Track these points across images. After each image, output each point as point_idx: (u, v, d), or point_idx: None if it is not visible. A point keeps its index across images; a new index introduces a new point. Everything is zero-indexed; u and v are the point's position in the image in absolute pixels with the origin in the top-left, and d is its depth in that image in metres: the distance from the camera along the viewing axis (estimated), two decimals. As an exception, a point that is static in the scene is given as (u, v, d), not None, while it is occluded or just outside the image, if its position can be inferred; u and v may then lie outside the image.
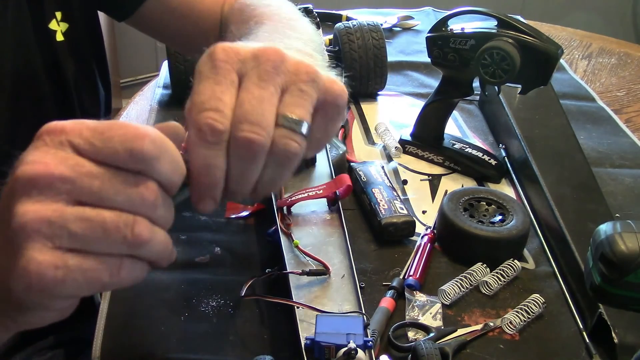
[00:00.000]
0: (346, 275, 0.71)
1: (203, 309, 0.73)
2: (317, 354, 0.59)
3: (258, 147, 0.42)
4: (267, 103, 0.43)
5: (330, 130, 0.47)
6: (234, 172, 0.43)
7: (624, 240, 0.54)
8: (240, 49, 0.45)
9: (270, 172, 0.45)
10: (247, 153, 0.42)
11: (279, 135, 0.43)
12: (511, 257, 0.79)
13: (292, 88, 0.44)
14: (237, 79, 0.44)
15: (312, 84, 0.45)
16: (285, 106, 0.44)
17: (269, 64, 0.44)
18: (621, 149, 1.07)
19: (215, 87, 0.43)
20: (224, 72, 0.43)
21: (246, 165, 0.43)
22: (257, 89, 0.43)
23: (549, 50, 0.87)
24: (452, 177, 0.99)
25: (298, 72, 0.45)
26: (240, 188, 0.45)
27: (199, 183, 0.43)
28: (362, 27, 1.14)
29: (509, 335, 0.71)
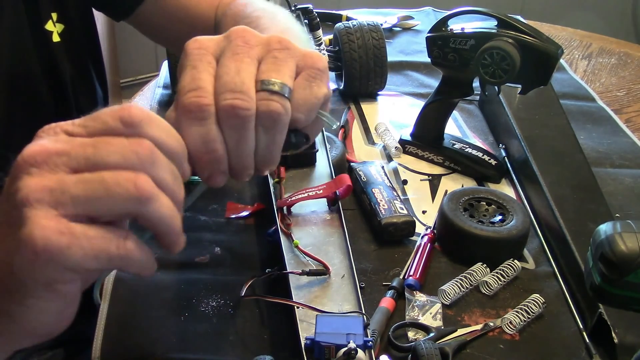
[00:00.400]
0: (346, 275, 0.71)
1: (203, 309, 0.73)
2: (317, 354, 0.59)
3: (243, 112, 0.44)
4: (244, 72, 0.45)
5: (316, 92, 0.48)
6: (230, 144, 0.45)
7: (624, 240, 0.54)
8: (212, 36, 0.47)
9: (263, 137, 0.46)
10: (236, 120, 0.44)
11: (260, 98, 0.45)
12: (511, 257, 0.79)
13: (267, 57, 0.47)
14: (213, 60, 0.46)
15: (286, 51, 0.47)
16: (263, 73, 0.46)
17: (239, 40, 0.46)
18: (621, 149, 1.07)
19: (192, 71, 0.45)
20: (198, 57, 0.46)
21: (239, 133, 0.45)
22: (232, 62, 0.45)
23: (549, 50, 0.87)
24: (452, 177, 0.99)
25: (270, 42, 0.47)
26: (241, 160, 0.46)
27: (203, 161, 0.45)
28: (362, 27, 1.14)
29: (509, 335, 0.71)
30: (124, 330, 0.70)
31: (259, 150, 0.46)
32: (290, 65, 0.47)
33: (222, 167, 0.46)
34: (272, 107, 0.45)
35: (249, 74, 0.45)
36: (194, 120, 0.43)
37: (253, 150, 0.46)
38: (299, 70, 0.48)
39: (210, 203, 0.89)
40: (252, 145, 0.46)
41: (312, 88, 0.48)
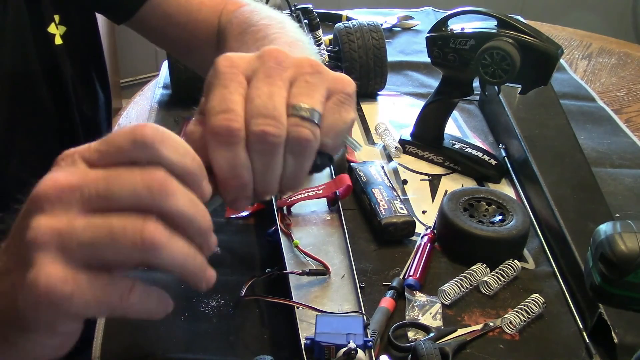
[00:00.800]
0: (346, 275, 0.71)
1: (203, 309, 0.73)
2: (317, 354, 0.59)
3: (274, 138, 0.43)
4: (276, 96, 0.44)
5: (345, 117, 0.48)
6: (258, 168, 0.44)
7: (624, 240, 0.54)
8: (243, 54, 0.46)
9: (291, 163, 0.45)
10: (266, 146, 0.43)
11: (292, 124, 0.44)
12: (511, 257, 0.79)
13: (299, 80, 0.46)
14: (244, 80, 0.45)
15: (318, 75, 0.47)
16: (294, 97, 0.45)
17: (272, 61, 0.45)
18: (621, 149, 1.07)
19: (223, 91, 0.44)
20: (230, 76, 0.44)
21: (267, 159, 0.44)
22: (265, 85, 0.44)
23: (549, 50, 0.87)
24: (452, 177, 0.99)
25: (302, 65, 0.46)
26: (267, 185, 0.45)
27: (228, 186, 0.44)
28: (362, 27, 1.14)
29: (509, 335, 0.71)
30: (124, 330, 0.70)
31: (285, 174, 0.46)
32: (322, 90, 0.47)
33: (247, 192, 0.45)
34: (302, 134, 0.44)
35: (281, 98, 0.44)
36: (222, 143, 0.43)
37: (280, 175, 0.45)
38: (329, 95, 0.47)
39: (210, 203, 0.89)
40: (279, 170, 0.45)
41: (341, 113, 0.48)
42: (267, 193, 0.46)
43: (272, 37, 0.69)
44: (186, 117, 1.07)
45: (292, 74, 0.46)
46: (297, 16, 1.08)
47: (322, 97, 0.46)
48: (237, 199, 0.45)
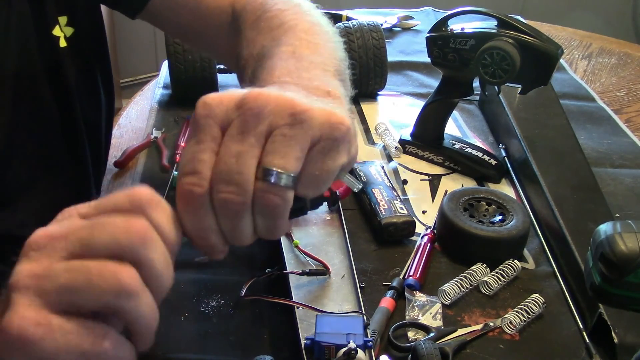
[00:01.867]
0: (346, 275, 0.71)
1: (203, 309, 0.73)
2: (317, 354, 0.59)
3: (236, 206, 0.42)
4: (245, 157, 0.42)
5: (329, 165, 0.44)
6: (226, 228, 0.44)
7: (624, 240, 0.54)
8: (224, 98, 0.44)
9: (262, 223, 0.44)
10: (229, 212, 0.43)
11: (259, 189, 0.42)
12: (511, 257, 0.79)
13: (275, 134, 0.43)
14: (219, 133, 0.43)
15: (298, 125, 0.43)
16: (266, 156, 0.43)
17: (249, 113, 0.43)
18: (621, 149, 1.07)
19: (195, 148, 0.43)
20: (204, 129, 0.43)
21: (234, 222, 0.43)
22: (235, 145, 0.42)
23: (549, 50, 0.87)
24: (452, 177, 0.99)
25: (281, 115, 0.43)
26: (239, 240, 0.45)
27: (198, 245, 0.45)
28: (362, 27, 1.14)
29: (509, 335, 0.71)
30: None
31: (258, 230, 0.45)
32: (301, 143, 0.43)
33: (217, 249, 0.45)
34: (269, 201, 0.42)
35: (250, 159, 0.42)
36: (188, 207, 0.43)
37: (251, 232, 0.45)
38: (313, 144, 0.44)
39: (210, 203, 0.89)
40: (248, 230, 0.44)
41: (325, 163, 0.44)
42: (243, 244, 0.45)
43: (287, 26, 0.65)
44: (186, 117, 1.07)
45: (269, 126, 0.43)
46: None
47: (300, 152, 0.43)
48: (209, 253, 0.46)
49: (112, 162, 0.96)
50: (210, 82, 1.12)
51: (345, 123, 0.45)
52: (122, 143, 1.05)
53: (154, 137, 1.02)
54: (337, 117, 0.45)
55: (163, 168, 0.96)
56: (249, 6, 0.75)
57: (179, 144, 0.99)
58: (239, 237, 0.45)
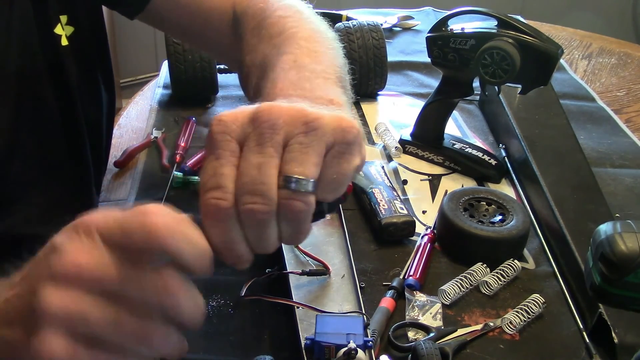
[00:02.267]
0: (346, 275, 0.71)
1: (203, 309, 0.73)
2: (317, 354, 0.59)
3: (263, 216, 0.43)
4: (266, 168, 0.43)
5: (345, 168, 0.46)
6: (252, 239, 0.45)
7: (624, 240, 0.54)
8: (238, 114, 0.45)
9: (287, 229, 0.45)
10: (255, 222, 0.44)
11: (283, 198, 0.44)
12: (511, 257, 0.79)
13: (291, 143, 0.44)
14: (237, 147, 0.44)
15: (313, 132, 0.44)
16: (286, 164, 0.44)
17: (265, 125, 0.44)
18: (621, 149, 1.07)
19: (215, 163, 0.44)
20: (222, 145, 0.44)
21: (260, 231, 0.45)
22: (255, 157, 0.44)
23: (549, 50, 0.87)
24: (452, 177, 0.99)
25: (295, 124, 0.44)
26: (265, 248, 0.46)
27: (224, 256, 0.45)
28: (362, 27, 1.14)
29: (509, 335, 0.71)
30: None
31: (283, 236, 0.46)
32: (318, 150, 0.45)
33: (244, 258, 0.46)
34: (293, 207, 0.44)
35: (271, 169, 0.43)
36: (214, 221, 0.44)
37: (276, 240, 0.46)
38: (328, 149, 0.45)
39: (210, 203, 0.89)
40: (275, 235, 0.45)
41: (341, 166, 0.46)
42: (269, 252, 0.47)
43: (288, 33, 0.67)
44: (186, 117, 1.07)
45: (285, 136, 0.44)
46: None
47: (317, 157, 0.45)
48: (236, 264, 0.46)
49: (112, 162, 0.96)
50: (210, 82, 1.12)
51: (355, 126, 0.46)
52: (122, 143, 1.05)
53: (154, 137, 1.02)
54: (347, 121, 0.46)
55: (163, 168, 0.96)
56: (250, 10, 0.75)
57: (179, 144, 0.99)
58: (265, 246, 0.46)
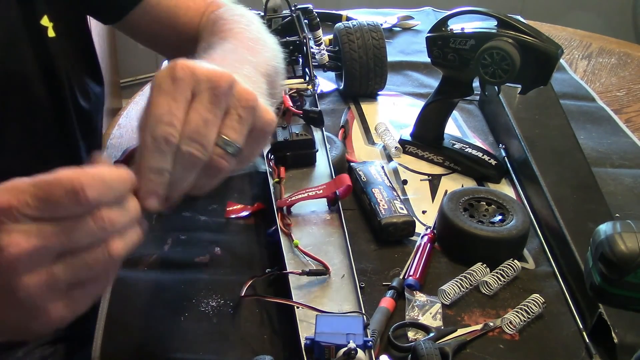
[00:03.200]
0: (346, 275, 0.71)
1: (203, 309, 0.73)
2: (317, 354, 0.59)
3: (197, 161, 0.50)
4: (211, 125, 0.50)
5: (256, 151, 0.56)
6: (176, 175, 0.50)
7: (624, 240, 0.54)
8: (197, 68, 0.51)
9: (203, 180, 0.52)
10: (188, 164, 0.50)
11: (215, 154, 0.51)
12: (511, 257, 0.79)
13: (232, 112, 0.52)
14: (190, 95, 0.50)
15: (251, 110, 0.52)
16: (225, 128, 0.51)
17: (220, 89, 0.50)
18: (621, 149, 1.07)
19: (172, 103, 0.49)
20: (180, 89, 0.50)
21: (185, 172, 0.50)
22: (205, 112, 0.50)
23: (549, 50, 0.87)
24: (452, 177, 0.99)
25: (241, 98, 0.52)
26: (177, 190, 0.51)
27: (149, 181, 0.49)
28: (362, 27, 1.14)
29: (509, 335, 0.71)
30: (124, 330, 0.70)
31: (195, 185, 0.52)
32: (249, 124, 0.53)
33: (160, 191, 0.50)
34: (221, 165, 0.51)
35: (214, 127, 0.50)
36: (157, 149, 0.49)
37: (189, 186, 0.52)
38: (251, 129, 0.53)
39: (210, 203, 0.89)
40: (189, 183, 0.51)
41: (255, 149, 0.55)
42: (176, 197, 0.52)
43: (235, 32, 0.75)
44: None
45: (231, 104, 0.51)
46: (297, 16, 1.08)
47: (246, 132, 0.52)
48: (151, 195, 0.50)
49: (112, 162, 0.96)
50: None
51: (274, 121, 0.55)
52: (122, 143, 1.05)
53: (154, 137, 1.02)
54: (273, 115, 0.55)
55: (163, 168, 0.95)
56: (212, 16, 0.84)
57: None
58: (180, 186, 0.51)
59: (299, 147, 0.86)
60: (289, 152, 0.86)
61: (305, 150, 0.87)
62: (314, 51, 1.12)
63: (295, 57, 1.08)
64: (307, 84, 1.01)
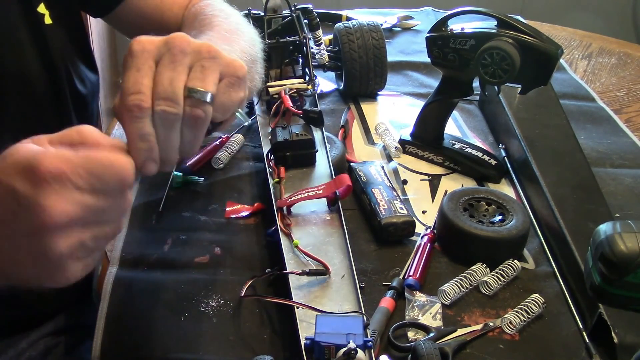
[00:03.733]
0: (346, 275, 0.71)
1: (203, 309, 0.73)
2: (317, 354, 0.59)
3: (172, 116, 0.53)
4: (176, 81, 0.54)
5: (234, 96, 0.57)
6: (160, 137, 0.54)
7: (624, 240, 0.54)
8: (153, 39, 0.55)
9: (187, 134, 0.55)
10: (167, 122, 0.53)
11: (187, 105, 0.54)
12: (511, 257, 0.79)
13: (196, 65, 0.55)
14: (153, 63, 0.54)
15: (213, 60, 0.55)
16: (191, 80, 0.54)
17: (177, 48, 0.54)
18: (621, 149, 1.07)
19: (136, 74, 0.53)
20: (142, 60, 0.54)
21: (167, 131, 0.54)
22: (168, 71, 0.54)
23: (549, 50, 0.87)
24: (452, 177, 0.99)
25: (201, 52, 0.55)
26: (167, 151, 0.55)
27: (139, 149, 0.53)
28: (362, 27, 1.14)
29: (509, 335, 0.71)
30: (124, 330, 0.70)
31: (183, 142, 0.55)
32: (215, 73, 0.55)
33: (153, 155, 0.54)
34: (195, 113, 0.54)
35: (180, 82, 0.54)
36: (134, 117, 0.52)
37: (178, 143, 0.55)
38: (222, 77, 0.56)
39: (210, 203, 0.89)
40: (177, 139, 0.55)
41: (230, 94, 0.57)
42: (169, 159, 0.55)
43: (213, 25, 0.78)
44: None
45: (192, 60, 0.55)
46: (297, 16, 1.08)
47: (215, 79, 0.55)
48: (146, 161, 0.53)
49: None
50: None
51: (244, 67, 0.58)
52: (122, 143, 1.05)
53: (154, 137, 1.02)
54: (239, 62, 0.58)
55: (163, 168, 0.96)
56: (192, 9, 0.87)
57: (179, 144, 0.99)
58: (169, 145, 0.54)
59: (299, 147, 0.86)
60: (289, 152, 0.86)
61: (305, 150, 0.87)
62: (314, 51, 1.12)
63: (295, 57, 1.08)
64: (307, 84, 1.01)
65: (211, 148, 0.99)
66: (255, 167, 0.97)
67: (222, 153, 0.98)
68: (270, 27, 1.04)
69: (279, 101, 0.96)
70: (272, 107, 0.96)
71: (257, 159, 0.99)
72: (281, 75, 1.06)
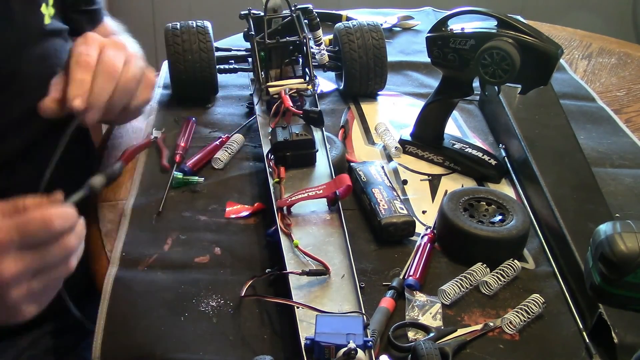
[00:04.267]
0: (346, 275, 0.71)
1: (203, 309, 0.73)
2: (317, 354, 0.59)
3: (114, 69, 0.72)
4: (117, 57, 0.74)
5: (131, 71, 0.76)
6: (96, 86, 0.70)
7: (624, 240, 0.54)
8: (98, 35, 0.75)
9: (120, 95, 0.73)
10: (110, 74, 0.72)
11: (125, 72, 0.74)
12: (511, 257, 0.79)
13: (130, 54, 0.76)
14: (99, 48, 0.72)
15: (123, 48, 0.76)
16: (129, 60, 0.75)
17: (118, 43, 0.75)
18: (621, 149, 1.07)
19: (87, 47, 0.72)
20: (91, 41, 0.73)
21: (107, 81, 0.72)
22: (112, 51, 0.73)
23: (549, 50, 0.87)
24: (452, 177, 0.99)
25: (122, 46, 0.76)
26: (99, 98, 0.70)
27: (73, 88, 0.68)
28: (362, 27, 1.14)
29: (509, 335, 0.71)
30: (124, 330, 0.70)
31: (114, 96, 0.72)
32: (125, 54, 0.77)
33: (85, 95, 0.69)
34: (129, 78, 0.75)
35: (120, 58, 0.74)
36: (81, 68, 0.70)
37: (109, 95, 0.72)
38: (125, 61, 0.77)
39: (210, 203, 0.90)
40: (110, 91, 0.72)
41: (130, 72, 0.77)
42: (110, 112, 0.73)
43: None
44: (186, 117, 1.07)
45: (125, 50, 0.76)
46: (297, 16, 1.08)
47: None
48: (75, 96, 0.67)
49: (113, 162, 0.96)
50: (210, 82, 1.12)
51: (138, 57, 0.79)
52: (122, 143, 1.05)
53: (154, 137, 1.02)
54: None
55: (163, 168, 0.96)
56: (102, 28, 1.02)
57: (178, 144, 0.99)
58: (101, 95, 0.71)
59: (299, 147, 0.86)
60: (289, 152, 0.86)
61: (305, 150, 0.87)
62: (314, 51, 1.12)
63: (295, 57, 1.08)
64: (307, 84, 1.01)
65: (211, 148, 0.99)
66: (255, 167, 0.97)
67: (222, 153, 0.98)
68: (270, 27, 1.04)
69: (279, 101, 0.96)
70: (272, 107, 0.96)
71: (257, 159, 0.99)
72: (281, 75, 1.06)
